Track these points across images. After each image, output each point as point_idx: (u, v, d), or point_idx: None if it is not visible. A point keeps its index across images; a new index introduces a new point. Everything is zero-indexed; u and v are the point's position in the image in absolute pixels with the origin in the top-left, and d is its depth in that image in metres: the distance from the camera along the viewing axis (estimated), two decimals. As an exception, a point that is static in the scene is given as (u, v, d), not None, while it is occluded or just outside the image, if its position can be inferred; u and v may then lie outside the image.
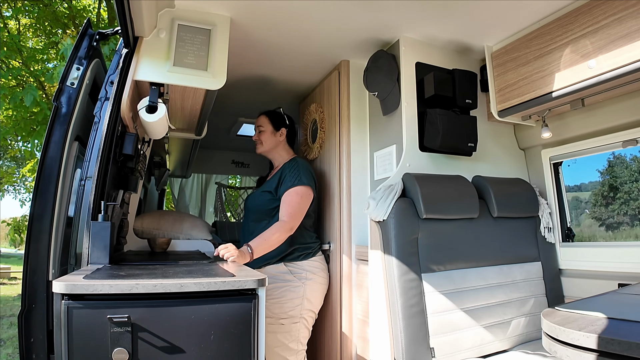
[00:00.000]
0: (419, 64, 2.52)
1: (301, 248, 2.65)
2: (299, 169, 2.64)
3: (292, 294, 2.55)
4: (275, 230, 2.40)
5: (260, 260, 2.49)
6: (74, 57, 2.26)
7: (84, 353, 1.24)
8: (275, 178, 2.69)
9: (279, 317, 2.52)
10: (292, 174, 2.61)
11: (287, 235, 2.45)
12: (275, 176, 2.72)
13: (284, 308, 2.53)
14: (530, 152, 2.84)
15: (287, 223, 2.45)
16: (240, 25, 2.33)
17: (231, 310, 1.36)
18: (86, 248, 1.78)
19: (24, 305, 1.97)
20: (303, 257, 2.65)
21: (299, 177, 2.59)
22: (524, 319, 2.32)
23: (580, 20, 2.03)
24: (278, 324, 2.52)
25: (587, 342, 1.08)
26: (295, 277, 2.59)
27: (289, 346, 2.53)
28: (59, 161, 2.12)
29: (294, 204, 2.52)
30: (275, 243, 2.40)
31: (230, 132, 4.63)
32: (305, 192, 2.58)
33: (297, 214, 2.51)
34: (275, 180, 2.67)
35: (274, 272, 2.58)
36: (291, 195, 2.55)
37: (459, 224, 2.28)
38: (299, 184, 2.57)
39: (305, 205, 2.59)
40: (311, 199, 2.63)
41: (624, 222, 2.81)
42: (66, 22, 7.63)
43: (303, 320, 2.58)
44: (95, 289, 1.25)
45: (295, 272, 2.60)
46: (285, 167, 2.70)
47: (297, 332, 2.56)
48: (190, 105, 2.55)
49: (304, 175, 2.62)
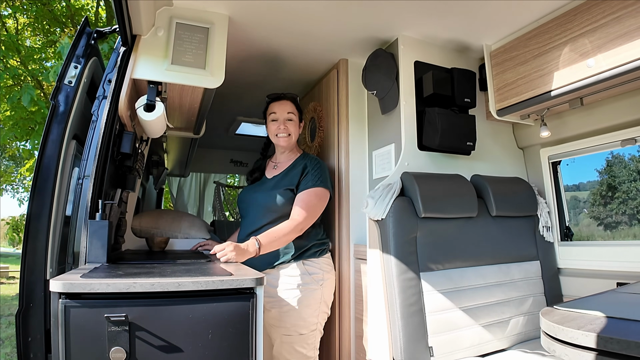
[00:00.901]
0: (418, 62, 2.52)
1: (317, 244, 2.47)
2: (323, 170, 2.46)
3: (310, 299, 2.36)
4: (287, 229, 2.23)
5: (274, 260, 2.36)
6: (72, 56, 2.25)
7: (82, 352, 1.24)
8: (295, 174, 2.45)
9: (299, 328, 2.34)
10: (316, 173, 2.42)
11: (296, 236, 2.30)
12: (293, 172, 2.48)
13: (303, 316, 2.33)
14: (529, 151, 2.84)
15: (300, 224, 2.27)
16: (238, 23, 2.33)
17: (229, 309, 1.36)
18: (84, 247, 1.77)
19: (22, 304, 1.97)
20: (319, 254, 2.47)
21: (322, 179, 2.41)
22: (523, 318, 2.32)
23: (579, 19, 2.03)
24: (296, 335, 2.34)
25: (585, 341, 1.07)
26: (313, 279, 2.38)
27: (307, 355, 2.38)
28: (56, 160, 2.11)
29: (310, 205, 2.34)
30: (284, 243, 2.27)
31: (228, 131, 4.62)
32: (324, 196, 2.41)
33: (311, 216, 2.33)
34: (296, 177, 2.43)
35: (290, 275, 2.37)
36: (310, 195, 2.36)
37: (457, 223, 2.28)
38: (321, 185, 2.39)
39: (320, 209, 2.41)
40: (326, 202, 2.45)
41: (622, 221, 2.81)
42: (64, 20, 7.61)
43: (319, 325, 2.43)
44: (93, 287, 1.25)
45: (313, 272, 2.40)
46: (307, 163, 2.47)
47: (314, 339, 2.41)
48: (189, 103, 2.55)
49: (327, 178, 2.46)
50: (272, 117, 2.53)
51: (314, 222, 2.38)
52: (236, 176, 7.69)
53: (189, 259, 2.15)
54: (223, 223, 5.44)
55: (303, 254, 2.41)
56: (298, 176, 2.42)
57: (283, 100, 2.55)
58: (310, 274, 2.39)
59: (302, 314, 2.32)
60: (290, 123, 2.52)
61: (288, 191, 2.40)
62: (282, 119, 2.51)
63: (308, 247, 2.42)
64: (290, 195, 2.40)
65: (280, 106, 2.53)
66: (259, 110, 2.90)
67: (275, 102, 2.56)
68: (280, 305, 2.34)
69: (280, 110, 2.52)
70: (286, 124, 2.50)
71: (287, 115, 2.51)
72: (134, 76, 2.01)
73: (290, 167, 2.51)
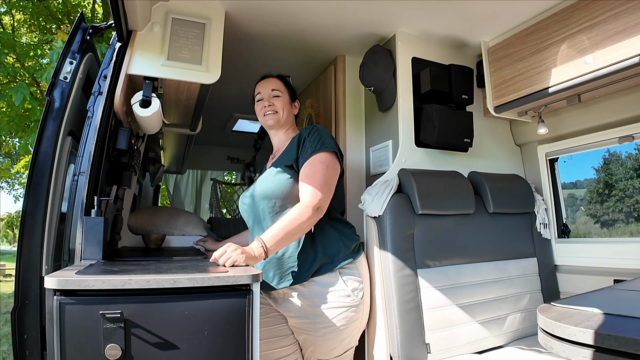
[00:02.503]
0: (415, 59, 2.51)
1: (347, 240, 2.04)
2: (322, 133, 2.02)
3: (352, 317, 1.94)
4: (297, 215, 1.79)
5: (309, 269, 1.93)
6: (67, 51, 2.23)
7: (77, 349, 1.23)
8: (292, 148, 2.05)
9: (334, 351, 1.98)
10: (313, 138, 1.98)
11: (315, 219, 1.85)
12: (290, 147, 2.07)
13: (342, 336, 1.94)
14: (526, 148, 2.84)
15: (313, 203, 1.82)
16: (235, 19, 2.31)
17: (225, 306, 1.35)
18: (79, 244, 1.76)
19: (17, 301, 1.95)
20: (356, 252, 2.05)
21: (322, 141, 1.97)
22: (520, 314, 2.32)
23: (576, 15, 2.02)
24: (332, 359, 2.01)
25: (583, 337, 1.07)
26: (353, 293, 1.95)
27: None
28: (51, 156, 2.10)
29: (317, 177, 1.89)
30: (296, 233, 1.81)
31: (225, 128, 4.61)
32: (330, 161, 1.96)
33: (323, 190, 1.87)
34: (294, 150, 2.02)
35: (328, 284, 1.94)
36: (314, 165, 1.92)
37: (454, 219, 2.28)
38: (322, 149, 1.95)
39: (333, 178, 1.95)
40: (338, 170, 2.02)
41: (619, 219, 2.82)
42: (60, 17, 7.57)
43: (354, 342, 2.06)
44: (88, 284, 1.24)
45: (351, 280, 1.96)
46: (302, 132, 2.06)
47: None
48: (185, 99, 2.53)
49: (330, 139, 2.02)
50: (257, 98, 2.22)
51: (331, 196, 1.94)
52: (233, 173, 7.67)
53: (185, 256, 2.14)
54: (220, 220, 5.43)
55: (337, 259, 1.97)
56: (295, 149, 2.02)
57: (267, 78, 2.26)
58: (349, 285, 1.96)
59: (342, 334, 1.95)
60: (277, 99, 2.17)
61: (287, 168, 1.99)
62: (266, 96, 2.18)
63: (340, 248, 1.99)
64: (291, 172, 1.98)
65: (264, 83, 2.23)
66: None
67: (259, 82, 2.27)
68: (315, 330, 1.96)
69: (265, 88, 2.20)
70: (271, 100, 2.16)
71: (272, 92, 2.18)
72: (129, 72, 1.99)
73: (287, 146, 2.12)
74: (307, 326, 1.96)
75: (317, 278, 1.94)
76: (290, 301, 1.99)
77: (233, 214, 6.31)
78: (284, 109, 2.17)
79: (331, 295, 1.92)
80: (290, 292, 1.98)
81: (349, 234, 2.06)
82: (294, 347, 2.09)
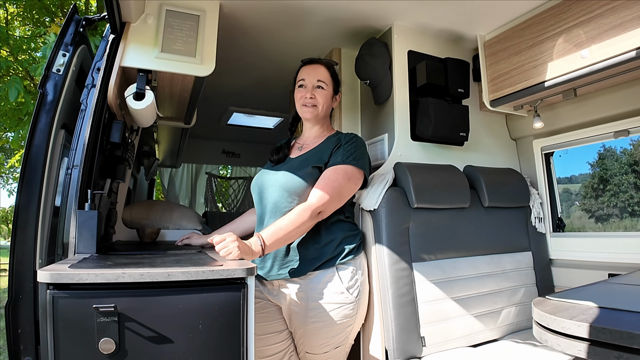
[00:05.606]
0: (411, 52, 2.50)
1: (350, 238, 2.03)
2: (359, 147, 2.02)
3: (344, 315, 1.94)
4: (298, 216, 1.80)
5: (309, 264, 1.94)
6: (60, 44, 2.21)
7: (70, 343, 1.22)
8: (325, 150, 2.03)
9: (323, 347, 1.98)
10: (349, 148, 1.98)
11: (312, 223, 1.86)
12: (324, 149, 2.05)
13: (332, 332, 1.94)
14: (522, 142, 2.84)
15: (317, 208, 1.83)
16: (229, 11, 2.30)
17: (220, 299, 1.34)
18: (73, 237, 1.75)
19: (11, 296, 1.94)
20: (356, 251, 2.04)
21: (356, 156, 1.97)
22: (515, 308, 2.33)
23: (573, 9, 2.02)
24: (321, 354, 2.00)
25: (578, 330, 1.07)
26: (348, 291, 1.94)
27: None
28: (44, 150, 2.08)
29: (335, 186, 1.89)
30: (296, 234, 1.83)
31: (220, 121, 4.59)
32: (354, 176, 1.97)
33: (334, 199, 1.88)
34: (327, 153, 2.01)
35: (324, 282, 1.94)
36: (337, 172, 1.92)
37: (450, 213, 2.28)
38: (353, 163, 1.95)
39: (348, 192, 1.98)
40: (358, 187, 2.04)
41: (614, 214, 2.83)
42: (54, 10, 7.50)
43: (348, 340, 2.04)
44: (81, 278, 1.23)
45: (348, 278, 1.96)
46: (341, 137, 2.06)
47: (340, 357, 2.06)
48: (179, 92, 2.51)
49: (364, 157, 2.03)
50: (299, 84, 2.14)
51: (338, 207, 1.95)
52: (228, 167, 7.65)
53: (179, 250, 2.13)
54: (215, 214, 5.43)
55: (338, 255, 1.98)
56: (329, 152, 2.01)
57: (316, 64, 2.16)
58: (345, 282, 1.96)
59: (332, 329, 1.94)
60: (320, 91, 2.10)
61: (316, 170, 1.97)
62: (310, 86, 2.11)
63: (339, 244, 1.99)
64: (318, 175, 1.96)
65: (311, 70, 2.14)
66: (250, 100, 2.87)
67: (306, 67, 2.18)
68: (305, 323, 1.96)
69: (310, 76, 2.12)
70: (314, 92, 2.09)
71: (317, 83, 2.11)
72: (123, 64, 1.98)
73: (321, 144, 2.10)
74: (298, 318, 1.97)
75: (315, 273, 1.95)
76: (284, 292, 1.99)
77: (228, 208, 6.30)
78: (324, 105, 2.11)
79: (326, 291, 1.93)
80: (286, 284, 1.99)
81: (354, 235, 2.06)
82: (288, 342, 2.09)
